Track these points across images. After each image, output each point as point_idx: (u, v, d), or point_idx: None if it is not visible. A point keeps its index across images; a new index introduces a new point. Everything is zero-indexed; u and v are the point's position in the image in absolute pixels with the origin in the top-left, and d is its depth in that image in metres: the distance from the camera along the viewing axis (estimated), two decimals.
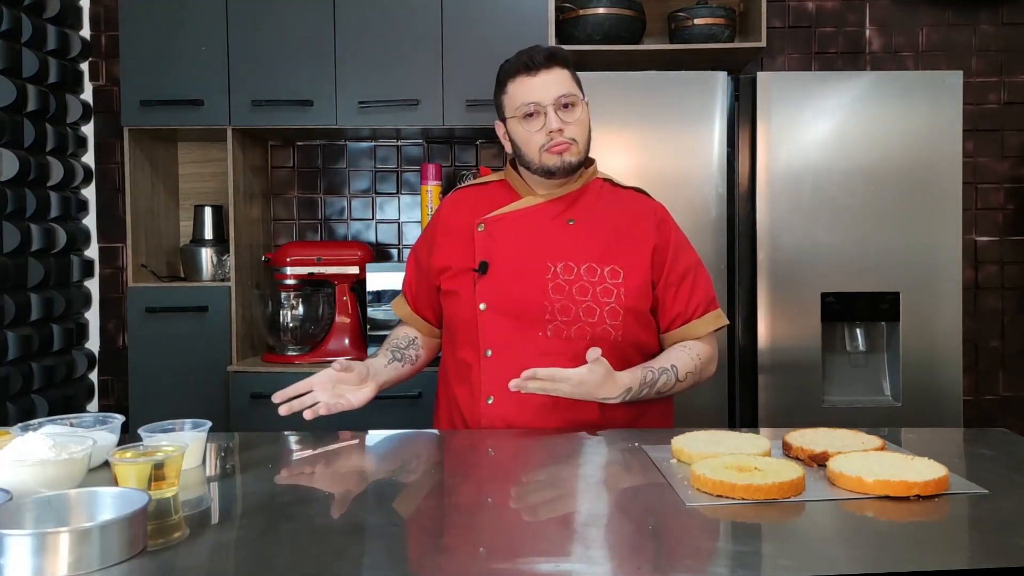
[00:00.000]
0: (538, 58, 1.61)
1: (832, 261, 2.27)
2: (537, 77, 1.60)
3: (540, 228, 1.65)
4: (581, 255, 1.61)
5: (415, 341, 1.79)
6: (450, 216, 1.73)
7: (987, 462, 1.31)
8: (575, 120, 1.61)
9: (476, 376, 1.62)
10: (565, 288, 1.60)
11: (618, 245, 1.63)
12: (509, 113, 1.65)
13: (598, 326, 1.59)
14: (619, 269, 1.61)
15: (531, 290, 1.60)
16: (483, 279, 1.63)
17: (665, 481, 1.18)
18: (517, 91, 1.62)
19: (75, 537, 0.87)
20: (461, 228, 1.69)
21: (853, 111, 2.27)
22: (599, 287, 1.60)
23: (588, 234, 1.64)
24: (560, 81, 1.61)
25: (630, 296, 1.61)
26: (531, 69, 1.60)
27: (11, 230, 2.41)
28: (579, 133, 1.62)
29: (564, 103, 1.60)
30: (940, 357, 2.28)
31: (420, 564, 0.95)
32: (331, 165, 2.97)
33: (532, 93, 1.60)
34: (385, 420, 2.42)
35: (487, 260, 1.63)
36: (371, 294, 2.57)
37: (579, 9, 2.52)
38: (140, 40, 2.55)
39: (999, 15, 2.88)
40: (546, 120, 1.59)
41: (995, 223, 2.90)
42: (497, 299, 1.61)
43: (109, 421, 1.33)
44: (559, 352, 1.58)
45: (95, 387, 2.92)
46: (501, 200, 1.70)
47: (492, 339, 1.61)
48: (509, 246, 1.64)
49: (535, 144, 1.61)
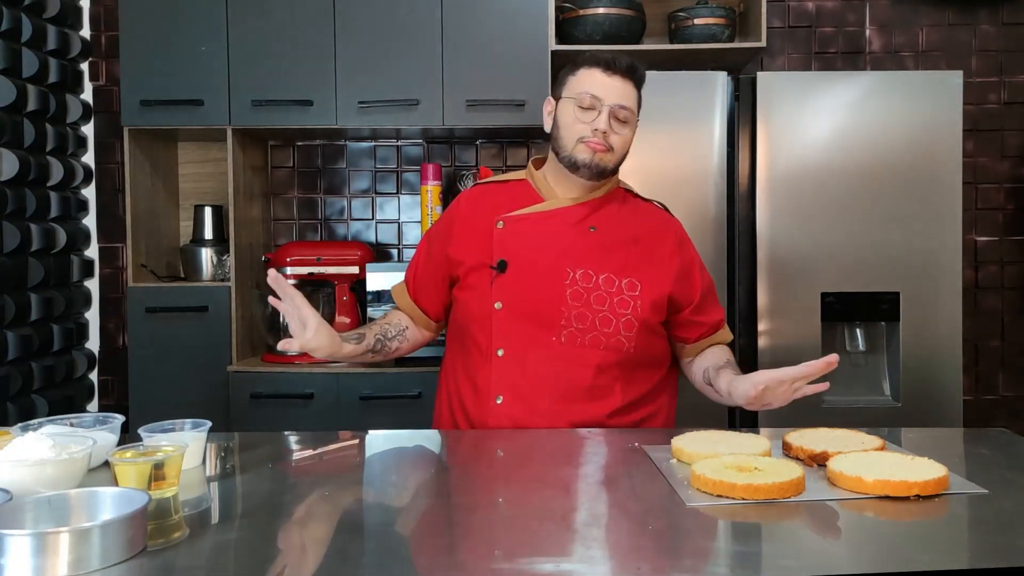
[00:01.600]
0: (621, 63, 1.62)
1: (832, 261, 2.27)
2: (612, 78, 1.61)
3: (561, 232, 1.64)
4: (601, 264, 1.61)
5: (404, 332, 1.76)
6: (469, 209, 1.72)
7: (987, 462, 1.31)
8: (622, 133, 1.62)
9: (485, 375, 1.61)
10: (583, 295, 1.59)
11: (638, 258, 1.63)
12: (568, 93, 1.64)
13: (612, 337, 1.59)
14: (637, 283, 1.61)
15: (549, 294, 1.59)
16: (500, 278, 1.62)
17: (665, 481, 1.18)
18: (586, 79, 1.62)
19: (75, 537, 0.87)
20: (479, 223, 1.67)
21: (853, 111, 2.27)
22: (616, 298, 1.60)
23: (609, 244, 1.64)
24: (628, 94, 1.62)
25: (646, 310, 1.61)
26: (611, 68, 1.61)
27: (11, 230, 2.41)
28: (619, 145, 1.62)
29: (621, 115, 1.61)
30: (940, 357, 2.28)
31: (420, 564, 0.95)
32: (331, 165, 2.97)
33: (599, 88, 1.60)
34: (385, 420, 2.43)
35: (506, 259, 1.62)
36: (371, 294, 2.57)
37: (579, 9, 2.52)
38: (140, 40, 2.55)
39: (999, 15, 2.88)
40: (598, 118, 1.60)
41: (995, 223, 2.90)
42: (513, 299, 1.61)
43: (109, 421, 1.33)
44: (570, 359, 1.58)
45: (95, 387, 2.91)
46: (521, 200, 1.69)
47: (505, 339, 1.61)
48: (529, 247, 1.63)
49: (576, 132, 1.61)
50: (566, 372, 1.58)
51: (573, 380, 1.58)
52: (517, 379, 1.59)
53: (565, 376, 1.58)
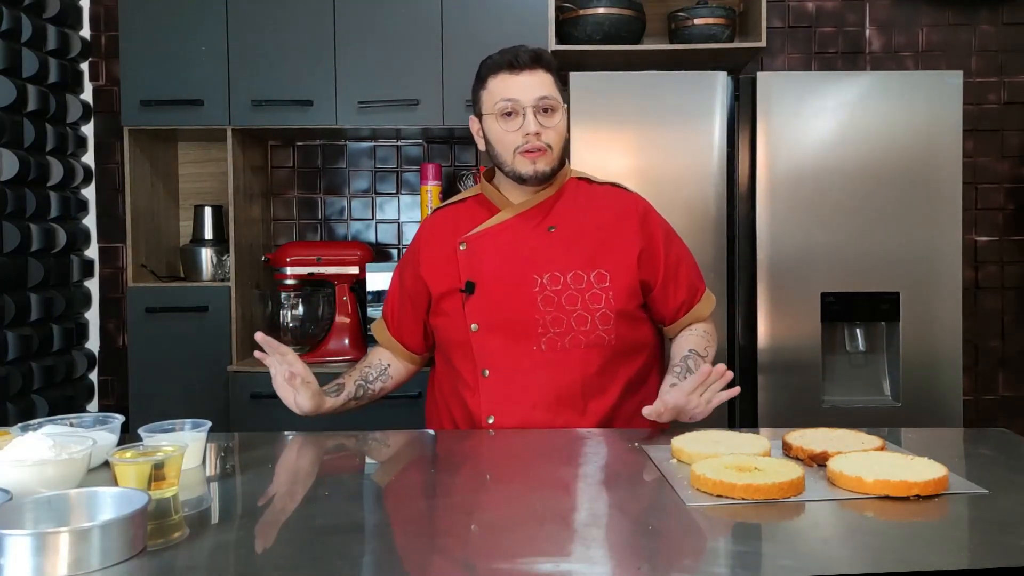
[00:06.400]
0: (523, 58, 1.58)
1: (832, 261, 2.27)
2: (520, 76, 1.58)
3: (522, 240, 1.62)
4: (567, 262, 1.59)
5: (386, 371, 1.75)
6: (431, 238, 1.70)
7: (987, 462, 1.31)
8: (553, 126, 1.59)
9: (474, 396, 1.61)
10: (554, 299, 1.58)
11: (602, 248, 1.61)
12: (486, 109, 1.62)
13: (591, 333, 1.58)
14: (605, 272, 1.60)
15: (520, 305, 1.58)
16: (471, 299, 1.60)
17: (665, 481, 1.18)
18: (497, 88, 1.59)
19: (75, 537, 0.87)
20: (443, 249, 1.66)
21: (853, 111, 2.27)
22: (587, 294, 1.58)
23: (571, 240, 1.61)
24: (542, 83, 1.58)
25: (619, 299, 1.60)
26: (515, 68, 1.58)
27: (11, 230, 2.40)
28: (555, 140, 1.59)
29: (544, 107, 1.58)
30: (940, 357, 2.28)
31: (420, 564, 0.95)
32: (331, 165, 2.97)
33: (512, 92, 1.57)
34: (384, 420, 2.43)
35: (473, 280, 1.61)
36: (371, 294, 2.57)
37: (579, 9, 2.52)
38: (140, 40, 2.55)
39: (999, 15, 2.88)
40: (524, 121, 1.57)
41: (995, 223, 2.90)
42: (487, 317, 1.60)
43: (109, 421, 1.33)
44: (556, 364, 1.58)
45: (95, 387, 2.91)
46: (479, 216, 1.66)
47: (488, 359, 1.60)
48: (493, 262, 1.61)
49: (510, 144, 1.59)
50: (553, 379, 1.57)
51: (562, 385, 1.57)
52: (506, 397, 1.58)
53: (553, 383, 1.57)
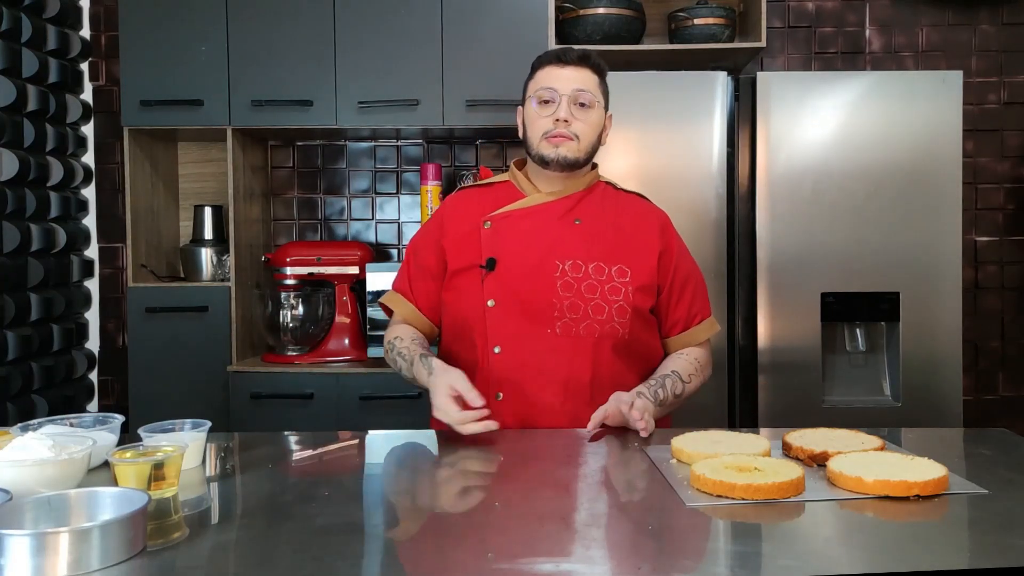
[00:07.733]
0: (571, 54, 1.65)
1: (832, 261, 2.27)
2: (564, 70, 1.64)
3: (547, 226, 1.65)
4: (589, 254, 1.62)
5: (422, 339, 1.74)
6: (454, 213, 1.73)
7: (987, 462, 1.31)
8: (586, 119, 1.63)
9: (483, 373, 1.61)
10: (574, 286, 1.60)
11: (624, 245, 1.65)
12: (528, 94, 1.68)
13: (607, 324, 1.60)
14: (626, 268, 1.63)
15: (540, 287, 1.60)
16: (491, 275, 1.63)
17: (665, 481, 1.18)
18: (541, 77, 1.66)
19: (75, 537, 0.87)
20: (465, 225, 1.69)
21: (853, 111, 2.27)
22: (607, 285, 1.61)
23: (595, 234, 1.65)
24: (584, 79, 1.64)
25: (637, 295, 1.62)
26: (562, 61, 1.64)
27: (11, 230, 2.41)
28: (584, 132, 1.63)
29: (580, 100, 1.62)
30: (940, 357, 2.28)
31: (420, 564, 0.95)
32: (331, 165, 2.97)
33: (553, 81, 1.63)
34: (385, 420, 2.43)
35: (495, 256, 1.63)
36: (371, 294, 2.56)
37: (579, 9, 2.52)
38: (140, 40, 2.55)
39: (999, 15, 2.88)
40: (557, 108, 1.62)
41: (995, 223, 2.90)
42: (506, 295, 1.61)
43: (109, 421, 1.33)
44: (567, 349, 1.59)
45: (95, 387, 2.92)
46: (505, 200, 1.70)
47: (501, 336, 1.61)
48: (516, 243, 1.64)
49: (539, 129, 1.63)
50: (564, 363, 1.59)
51: (571, 371, 1.59)
52: (516, 374, 1.59)
53: (563, 367, 1.59)
